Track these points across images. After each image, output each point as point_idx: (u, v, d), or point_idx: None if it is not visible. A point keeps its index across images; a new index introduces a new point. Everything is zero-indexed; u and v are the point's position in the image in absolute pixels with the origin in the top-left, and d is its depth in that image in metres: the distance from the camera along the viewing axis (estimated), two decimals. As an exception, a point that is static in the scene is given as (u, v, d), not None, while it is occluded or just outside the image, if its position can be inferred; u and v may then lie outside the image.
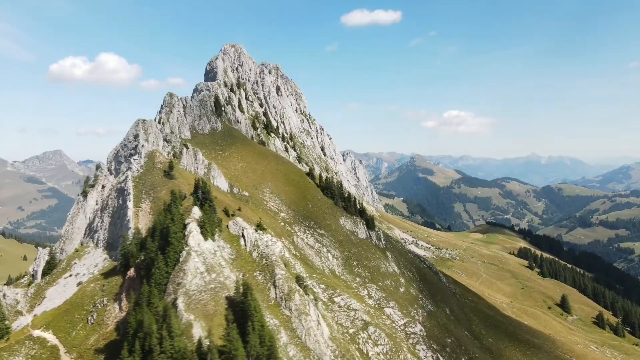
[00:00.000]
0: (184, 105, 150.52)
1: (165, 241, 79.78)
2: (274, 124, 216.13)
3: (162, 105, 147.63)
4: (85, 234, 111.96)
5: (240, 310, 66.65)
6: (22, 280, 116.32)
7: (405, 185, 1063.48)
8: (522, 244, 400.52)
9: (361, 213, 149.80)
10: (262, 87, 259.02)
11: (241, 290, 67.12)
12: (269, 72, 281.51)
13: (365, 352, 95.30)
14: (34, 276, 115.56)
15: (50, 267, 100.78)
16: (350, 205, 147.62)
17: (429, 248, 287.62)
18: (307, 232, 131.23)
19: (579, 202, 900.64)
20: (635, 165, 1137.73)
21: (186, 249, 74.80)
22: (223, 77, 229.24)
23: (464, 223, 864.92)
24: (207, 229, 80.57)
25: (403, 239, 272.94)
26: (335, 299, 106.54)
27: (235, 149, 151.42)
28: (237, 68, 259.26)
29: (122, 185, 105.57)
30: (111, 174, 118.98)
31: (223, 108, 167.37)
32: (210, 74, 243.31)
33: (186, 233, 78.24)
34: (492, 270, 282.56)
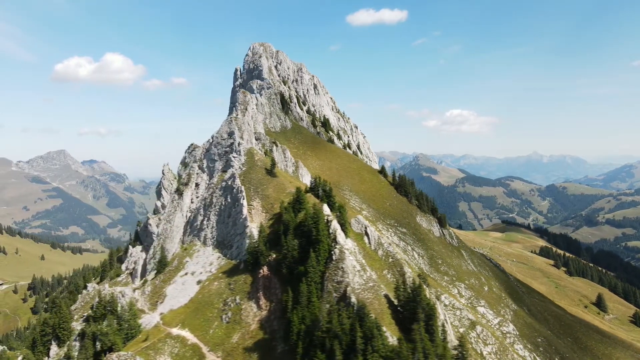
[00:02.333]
0: (256, 103, 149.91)
1: (307, 239, 79.68)
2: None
3: (235, 103, 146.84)
4: (185, 232, 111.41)
5: (407, 310, 66.53)
6: (120, 279, 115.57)
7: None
8: (541, 242, 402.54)
9: (433, 211, 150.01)
10: (301, 86, 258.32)
11: (408, 290, 67.10)
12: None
13: (479, 352, 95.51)
14: (132, 275, 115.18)
15: (162, 265, 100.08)
16: (423, 204, 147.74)
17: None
18: (390, 230, 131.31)
19: (584, 201, 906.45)
20: (637, 163, 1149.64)
21: (337, 247, 74.75)
22: (269, 75, 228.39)
23: (469, 222, 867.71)
24: (347, 226, 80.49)
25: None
26: (440, 298, 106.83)
27: (308, 147, 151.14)
28: (276, 66, 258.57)
29: (229, 183, 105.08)
30: (204, 172, 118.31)
31: (289, 106, 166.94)
32: (254, 72, 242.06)
33: (331, 231, 78.01)
34: (523, 269, 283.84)
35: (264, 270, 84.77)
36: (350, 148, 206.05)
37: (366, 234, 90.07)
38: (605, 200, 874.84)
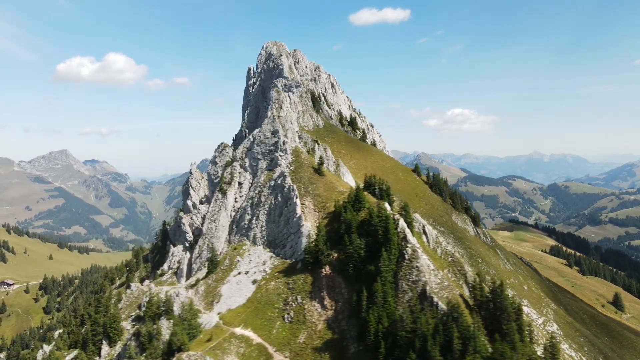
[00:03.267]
0: (289, 102, 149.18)
1: (373, 238, 79.17)
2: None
3: (270, 102, 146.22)
4: (232, 231, 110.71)
5: (486, 310, 66.00)
6: (164, 278, 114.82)
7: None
8: (550, 241, 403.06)
9: (467, 210, 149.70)
10: (319, 84, 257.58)
11: (486, 289, 66.66)
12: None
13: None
14: (177, 274, 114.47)
15: (213, 265, 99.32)
16: (457, 202, 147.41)
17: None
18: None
19: (586, 200, 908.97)
20: (639, 162, 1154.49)
21: (409, 245, 74.26)
22: (289, 74, 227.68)
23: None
24: (413, 225, 80.00)
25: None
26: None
27: (342, 146, 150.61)
28: (294, 65, 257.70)
29: (279, 181, 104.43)
30: (246, 170, 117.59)
31: (319, 104, 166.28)
32: (274, 71, 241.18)
33: (399, 229, 77.51)
34: (539, 268, 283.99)
35: (326, 269, 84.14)
36: (375, 147, 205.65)
37: (424, 232, 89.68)
38: (607, 199, 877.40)
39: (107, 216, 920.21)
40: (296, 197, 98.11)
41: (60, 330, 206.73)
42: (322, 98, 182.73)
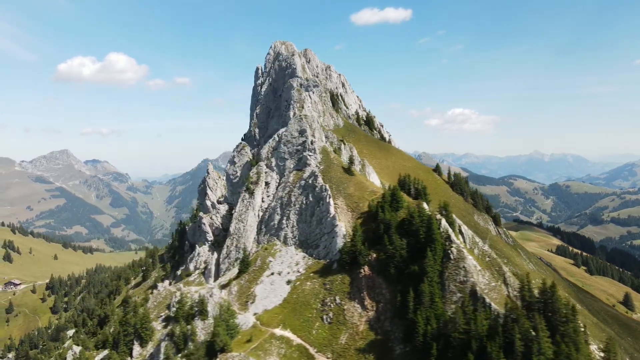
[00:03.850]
0: (310, 101, 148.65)
1: (415, 238, 78.63)
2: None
3: (291, 101, 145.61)
4: (260, 231, 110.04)
5: (535, 311, 65.45)
6: (191, 279, 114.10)
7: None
8: (555, 241, 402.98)
9: (488, 210, 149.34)
10: (331, 84, 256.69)
11: (534, 291, 66.18)
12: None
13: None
14: (204, 274, 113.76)
15: (245, 265, 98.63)
16: (478, 202, 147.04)
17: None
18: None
19: (587, 200, 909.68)
20: (639, 162, 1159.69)
21: (454, 246, 73.76)
22: (302, 73, 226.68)
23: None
24: (454, 225, 79.50)
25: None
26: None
27: (363, 145, 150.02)
28: (305, 64, 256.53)
29: (310, 181, 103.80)
30: (272, 170, 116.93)
31: (338, 104, 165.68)
32: (287, 71, 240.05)
33: (442, 229, 77.01)
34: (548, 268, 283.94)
35: (366, 270, 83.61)
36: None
37: (460, 232, 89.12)
38: (609, 199, 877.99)
39: (109, 216, 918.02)
40: (329, 197, 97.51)
41: (74, 330, 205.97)
42: (340, 97, 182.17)
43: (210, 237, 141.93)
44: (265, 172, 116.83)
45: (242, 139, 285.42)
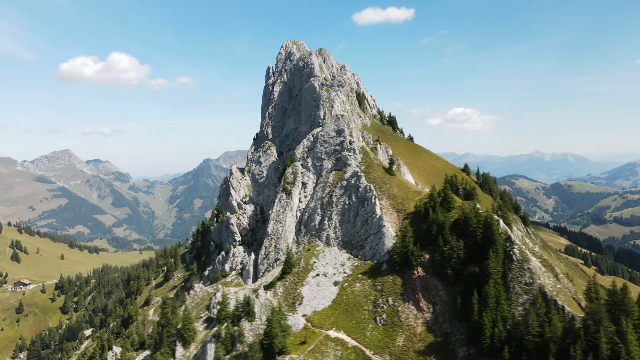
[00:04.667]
0: (339, 101, 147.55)
1: (472, 239, 77.90)
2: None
3: (320, 101, 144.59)
4: (299, 231, 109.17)
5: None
6: (229, 279, 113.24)
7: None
8: (563, 240, 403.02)
9: (516, 210, 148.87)
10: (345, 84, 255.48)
11: (596, 292, 65.44)
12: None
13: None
14: (242, 275, 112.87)
15: (289, 266, 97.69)
16: (507, 202, 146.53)
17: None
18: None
19: (589, 199, 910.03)
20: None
21: (516, 247, 73.05)
22: (320, 73, 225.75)
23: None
24: (512, 226, 78.81)
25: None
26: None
27: (392, 145, 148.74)
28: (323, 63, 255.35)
29: (352, 181, 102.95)
30: (309, 170, 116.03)
31: (364, 103, 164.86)
32: (304, 70, 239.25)
33: (501, 230, 76.29)
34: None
35: (419, 271, 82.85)
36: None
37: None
38: (611, 199, 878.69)
39: (110, 216, 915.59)
40: (375, 198, 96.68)
41: (91, 330, 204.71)
42: (365, 97, 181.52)
43: (238, 237, 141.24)
44: (302, 172, 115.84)
45: (254, 139, 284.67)
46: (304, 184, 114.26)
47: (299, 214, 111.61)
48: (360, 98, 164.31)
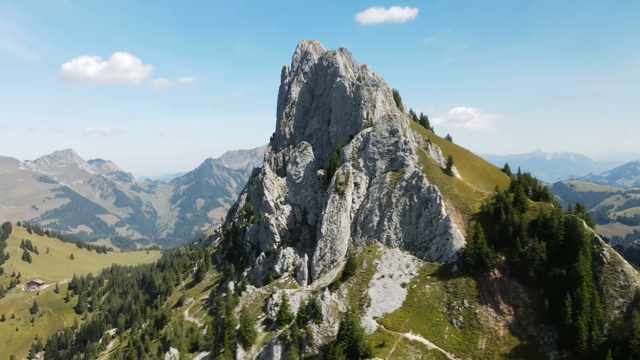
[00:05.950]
0: (380, 100, 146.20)
1: (554, 241, 76.79)
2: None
3: (361, 101, 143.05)
4: (355, 232, 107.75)
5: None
6: (281, 280, 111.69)
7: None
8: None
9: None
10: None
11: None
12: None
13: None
14: (296, 276, 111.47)
15: (351, 268, 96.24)
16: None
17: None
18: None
19: (592, 199, 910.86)
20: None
21: (605, 249, 72.03)
22: (345, 72, 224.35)
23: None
24: (594, 228, 77.66)
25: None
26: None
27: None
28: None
29: (413, 182, 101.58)
30: (360, 171, 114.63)
31: (401, 103, 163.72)
32: (329, 70, 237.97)
33: (586, 231, 75.14)
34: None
35: (496, 272, 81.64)
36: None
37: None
38: (614, 198, 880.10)
39: (113, 215, 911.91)
40: (440, 199, 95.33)
41: (114, 330, 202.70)
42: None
43: (277, 238, 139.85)
44: (353, 173, 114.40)
45: (271, 138, 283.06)
46: (356, 185, 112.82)
47: (352, 215, 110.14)
48: (398, 97, 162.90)
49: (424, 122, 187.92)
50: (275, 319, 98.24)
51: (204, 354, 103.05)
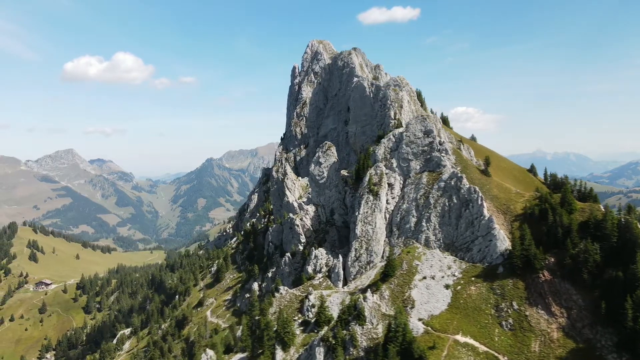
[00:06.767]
0: (406, 100, 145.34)
1: (607, 242, 75.98)
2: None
3: (387, 101, 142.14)
4: (391, 233, 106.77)
5: None
6: (315, 281, 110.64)
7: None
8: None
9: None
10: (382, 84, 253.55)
11: None
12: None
13: None
14: (330, 277, 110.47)
15: (391, 269, 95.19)
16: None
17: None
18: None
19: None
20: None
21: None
22: (361, 72, 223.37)
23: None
24: (644, 228, 76.93)
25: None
26: None
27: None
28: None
29: (452, 183, 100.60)
30: (394, 171, 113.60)
31: (425, 104, 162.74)
32: (345, 70, 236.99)
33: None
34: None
35: (545, 274, 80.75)
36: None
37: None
38: (615, 198, 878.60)
39: (114, 215, 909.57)
40: (482, 200, 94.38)
41: (129, 330, 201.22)
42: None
43: (303, 238, 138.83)
44: (386, 174, 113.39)
45: (282, 138, 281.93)
46: (390, 185, 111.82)
47: (387, 216, 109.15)
48: (422, 98, 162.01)
49: (445, 122, 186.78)
50: (312, 321, 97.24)
51: (240, 355, 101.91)
